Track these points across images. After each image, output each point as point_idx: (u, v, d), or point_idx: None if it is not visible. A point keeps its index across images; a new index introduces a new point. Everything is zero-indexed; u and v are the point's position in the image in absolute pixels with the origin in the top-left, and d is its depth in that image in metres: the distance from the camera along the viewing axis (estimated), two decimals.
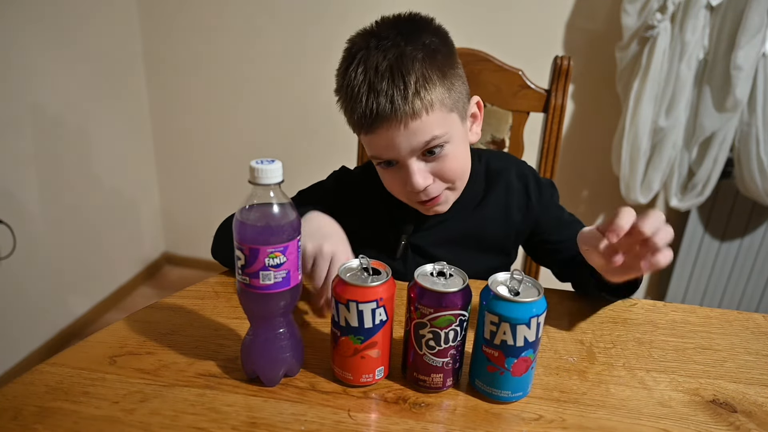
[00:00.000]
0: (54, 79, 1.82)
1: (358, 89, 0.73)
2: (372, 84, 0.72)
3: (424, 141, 0.74)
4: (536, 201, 0.90)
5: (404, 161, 0.76)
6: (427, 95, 0.73)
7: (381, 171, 0.82)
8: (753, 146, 1.70)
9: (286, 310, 0.60)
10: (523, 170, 0.93)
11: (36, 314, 1.88)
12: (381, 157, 0.78)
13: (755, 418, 0.59)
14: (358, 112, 0.74)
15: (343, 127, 0.81)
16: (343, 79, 0.76)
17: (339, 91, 0.78)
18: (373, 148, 0.78)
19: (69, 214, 1.96)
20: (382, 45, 0.73)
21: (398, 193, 0.83)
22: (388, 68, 0.72)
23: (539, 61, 1.36)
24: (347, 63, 0.76)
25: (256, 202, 0.55)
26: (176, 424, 0.55)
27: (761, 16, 1.54)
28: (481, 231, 0.90)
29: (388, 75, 0.72)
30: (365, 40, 0.75)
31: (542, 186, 0.92)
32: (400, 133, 0.73)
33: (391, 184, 0.82)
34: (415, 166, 0.76)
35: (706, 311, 0.80)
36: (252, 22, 2.05)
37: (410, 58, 0.72)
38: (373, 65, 0.73)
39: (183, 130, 2.31)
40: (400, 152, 0.75)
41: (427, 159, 0.77)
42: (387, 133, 0.74)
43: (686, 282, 2.04)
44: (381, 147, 0.76)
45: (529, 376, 0.59)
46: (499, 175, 0.91)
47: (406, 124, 0.73)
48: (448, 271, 0.60)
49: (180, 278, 2.47)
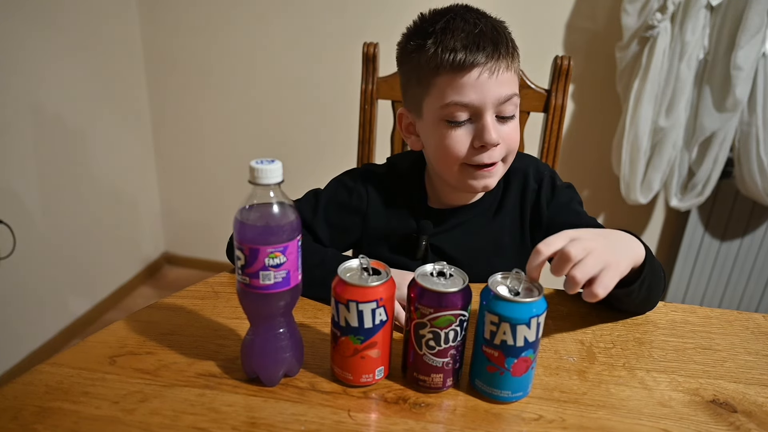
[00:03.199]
0: (54, 79, 1.82)
1: (460, 30, 0.74)
2: (478, 27, 0.74)
3: (507, 94, 0.76)
4: (546, 203, 0.87)
5: (483, 113, 0.76)
6: (515, 60, 0.77)
7: (445, 131, 0.78)
8: (753, 146, 1.70)
9: (286, 310, 0.60)
10: (541, 170, 0.90)
11: (36, 314, 1.88)
12: (461, 102, 0.75)
13: (755, 418, 0.59)
14: (456, 47, 0.73)
15: (343, 127, 0.81)
16: (431, 26, 0.76)
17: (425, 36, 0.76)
18: (458, 89, 0.75)
19: (69, 214, 1.96)
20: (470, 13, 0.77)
21: (458, 157, 0.79)
22: (489, 23, 0.76)
23: (539, 61, 1.36)
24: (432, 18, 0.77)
25: (256, 202, 0.55)
26: (176, 424, 0.55)
27: (761, 16, 1.54)
28: (499, 235, 0.89)
29: (491, 26, 0.76)
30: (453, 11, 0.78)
31: (557, 188, 0.88)
32: (492, 78, 0.74)
33: (458, 145, 0.78)
34: (491, 119, 0.76)
35: (706, 311, 0.80)
36: (252, 22, 2.05)
37: (503, 27, 0.78)
38: (472, 20, 0.75)
39: (183, 130, 2.31)
40: (486, 98, 0.75)
41: (499, 121, 0.78)
42: (481, 75, 0.74)
43: (686, 282, 2.04)
44: (467, 88, 0.74)
45: (529, 376, 0.59)
46: (517, 175, 0.89)
47: (500, 72, 0.75)
48: (448, 271, 0.60)
49: (180, 278, 2.47)
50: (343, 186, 0.90)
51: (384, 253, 0.86)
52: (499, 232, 0.89)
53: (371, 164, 0.97)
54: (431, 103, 0.78)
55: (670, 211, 2.01)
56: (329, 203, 0.89)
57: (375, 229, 0.89)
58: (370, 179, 0.91)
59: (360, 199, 0.89)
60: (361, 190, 0.89)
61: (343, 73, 1.88)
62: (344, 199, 0.89)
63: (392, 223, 0.89)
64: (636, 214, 2.04)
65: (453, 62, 0.74)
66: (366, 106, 1.19)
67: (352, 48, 1.43)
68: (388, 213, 0.89)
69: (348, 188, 0.90)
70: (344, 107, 1.87)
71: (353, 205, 0.89)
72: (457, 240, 0.89)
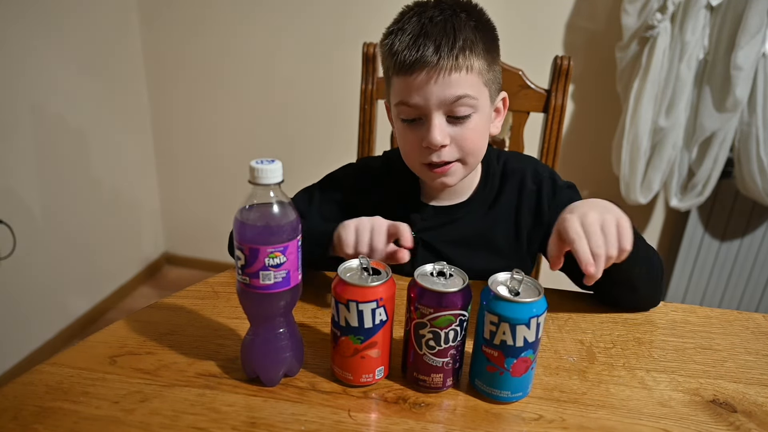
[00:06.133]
0: (54, 79, 1.82)
1: (409, 32, 0.76)
2: (424, 28, 0.75)
3: (455, 96, 0.76)
4: (548, 204, 0.87)
5: (429, 114, 0.77)
6: (470, 57, 0.76)
7: (401, 129, 0.82)
8: (753, 146, 1.70)
9: (286, 310, 0.60)
10: (540, 171, 0.90)
11: (36, 314, 1.88)
12: (408, 103, 0.78)
13: (755, 418, 0.59)
14: (403, 51, 0.75)
15: (343, 127, 0.82)
16: (396, 24, 0.79)
17: (387, 35, 0.79)
18: (405, 91, 0.77)
19: (69, 214, 1.96)
20: (440, 5, 0.78)
21: (413, 155, 0.82)
22: (442, 21, 0.76)
23: (539, 61, 1.36)
24: (402, 15, 0.79)
25: (256, 202, 0.55)
26: (176, 424, 0.55)
27: (761, 16, 1.54)
28: (492, 233, 0.89)
29: (441, 26, 0.75)
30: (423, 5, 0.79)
31: (558, 188, 0.88)
32: (435, 81, 0.75)
33: (410, 143, 0.81)
34: (437, 121, 0.77)
35: (706, 311, 0.80)
36: (252, 23, 2.05)
37: (464, 22, 0.76)
38: (429, 16, 0.76)
39: (183, 130, 2.31)
40: (429, 100, 0.76)
41: (451, 122, 0.78)
42: (424, 77, 0.75)
43: (686, 282, 2.04)
44: (412, 90, 0.76)
45: (529, 377, 0.59)
46: (514, 175, 0.89)
47: (444, 75, 0.75)
48: (448, 271, 0.60)
49: (180, 278, 2.47)
50: (336, 181, 0.93)
51: None
52: (491, 230, 0.89)
53: (368, 158, 1.01)
54: (392, 101, 0.82)
55: (670, 211, 2.01)
56: (324, 198, 0.91)
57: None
58: (364, 174, 0.93)
59: (353, 194, 0.91)
60: (354, 184, 0.92)
61: (343, 73, 1.88)
62: (338, 194, 0.92)
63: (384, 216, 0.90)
64: (636, 214, 2.04)
65: (397, 63, 0.76)
66: (366, 106, 1.19)
67: (352, 48, 1.43)
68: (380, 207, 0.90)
69: (341, 183, 0.93)
70: (344, 107, 1.87)
71: (346, 199, 0.91)
72: (448, 236, 0.89)
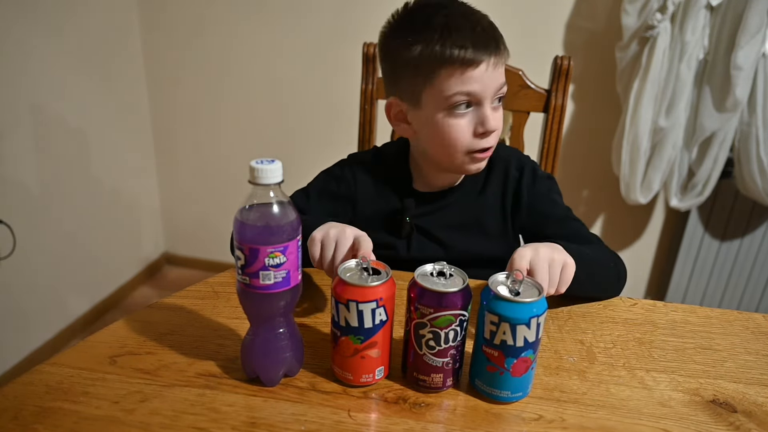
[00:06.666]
0: (54, 79, 1.82)
1: (460, 24, 0.78)
2: (477, 20, 0.79)
3: (502, 83, 0.81)
4: (527, 191, 0.91)
5: (484, 102, 0.80)
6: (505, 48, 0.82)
7: (447, 121, 0.81)
8: (753, 146, 1.70)
9: (286, 310, 0.60)
10: (523, 161, 0.94)
11: (36, 314, 1.88)
12: (468, 92, 0.79)
13: (755, 418, 0.59)
14: (465, 45, 0.77)
15: (343, 127, 0.81)
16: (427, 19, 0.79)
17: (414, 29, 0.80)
18: (463, 82, 0.78)
19: (69, 214, 1.96)
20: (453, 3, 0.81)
21: (461, 144, 0.82)
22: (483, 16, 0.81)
23: (539, 61, 1.36)
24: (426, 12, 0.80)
25: (256, 202, 0.55)
26: (176, 424, 0.55)
27: (761, 16, 1.54)
28: (482, 217, 0.93)
29: (486, 21, 0.80)
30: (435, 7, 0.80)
31: (537, 177, 0.93)
32: (494, 70, 0.79)
33: (461, 132, 0.82)
34: (492, 107, 0.81)
35: (706, 311, 0.80)
36: (253, 22, 2.05)
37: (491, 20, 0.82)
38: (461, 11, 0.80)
39: (183, 130, 2.31)
40: (488, 89, 0.79)
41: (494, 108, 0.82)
42: (486, 67, 0.78)
43: (686, 282, 2.04)
44: (473, 81, 0.78)
45: (529, 377, 0.59)
46: (500, 163, 0.93)
47: (498, 64, 0.80)
48: (448, 271, 0.60)
49: (180, 278, 2.47)
50: (331, 176, 0.95)
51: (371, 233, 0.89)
52: (482, 213, 0.93)
53: (357, 152, 1.02)
54: (433, 94, 0.81)
55: (670, 211, 2.01)
56: (320, 194, 0.94)
57: (363, 212, 0.94)
58: (357, 166, 0.95)
59: (348, 186, 0.94)
60: (348, 177, 0.94)
61: (343, 73, 1.88)
62: (333, 188, 0.94)
63: (379, 204, 0.94)
64: (636, 214, 2.04)
65: (463, 59, 0.78)
66: (366, 106, 1.19)
67: (352, 48, 1.43)
68: (374, 196, 0.94)
69: (336, 177, 0.95)
70: (344, 107, 1.87)
71: (342, 192, 0.94)
72: (441, 220, 0.93)
